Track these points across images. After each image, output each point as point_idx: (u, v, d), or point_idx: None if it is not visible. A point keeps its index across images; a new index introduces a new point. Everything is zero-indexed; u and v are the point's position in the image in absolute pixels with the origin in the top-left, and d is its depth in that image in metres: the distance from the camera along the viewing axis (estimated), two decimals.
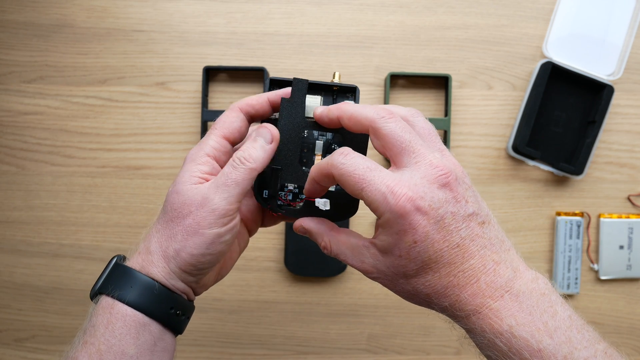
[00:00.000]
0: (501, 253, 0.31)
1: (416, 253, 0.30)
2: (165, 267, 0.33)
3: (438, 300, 0.31)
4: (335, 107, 0.34)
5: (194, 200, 0.32)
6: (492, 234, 0.31)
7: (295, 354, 0.64)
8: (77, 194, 0.63)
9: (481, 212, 0.31)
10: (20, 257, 0.64)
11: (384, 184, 0.29)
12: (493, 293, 0.29)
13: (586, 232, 0.64)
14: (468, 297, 0.30)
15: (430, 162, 0.30)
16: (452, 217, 0.29)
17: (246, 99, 0.36)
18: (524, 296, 0.29)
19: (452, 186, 0.30)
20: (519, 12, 0.64)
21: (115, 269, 0.34)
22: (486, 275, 0.30)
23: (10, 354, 0.64)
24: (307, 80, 0.36)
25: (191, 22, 0.63)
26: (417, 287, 0.31)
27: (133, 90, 0.63)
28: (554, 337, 0.28)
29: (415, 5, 0.64)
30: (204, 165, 0.34)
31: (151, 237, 0.34)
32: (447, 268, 0.30)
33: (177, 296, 0.34)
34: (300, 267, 0.62)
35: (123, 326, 0.31)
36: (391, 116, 0.31)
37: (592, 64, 0.63)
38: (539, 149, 0.63)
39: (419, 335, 0.64)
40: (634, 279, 0.65)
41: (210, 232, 0.32)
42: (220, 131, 0.35)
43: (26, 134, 0.63)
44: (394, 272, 0.31)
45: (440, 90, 0.64)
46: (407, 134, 0.31)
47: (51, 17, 0.63)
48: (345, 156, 0.31)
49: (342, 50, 0.63)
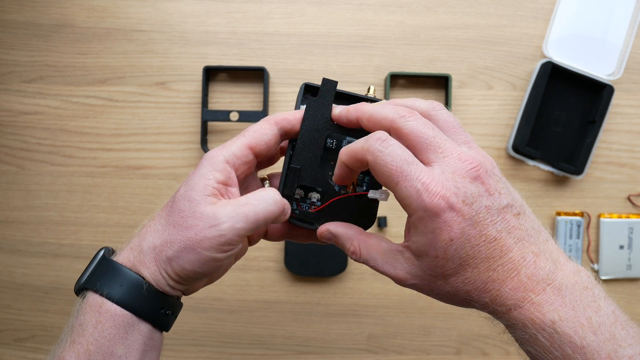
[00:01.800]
0: (539, 244, 0.30)
1: (453, 251, 0.29)
2: (156, 271, 0.32)
3: (479, 296, 0.30)
4: (354, 107, 0.33)
5: (203, 215, 0.31)
6: (528, 225, 0.30)
7: (295, 354, 0.64)
8: (77, 194, 0.63)
9: (515, 203, 0.30)
10: (20, 257, 0.64)
11: (420, 181, 0.28)
12: (535, 286, 0.29)
13: (586, 232, 0.64)
14: (509, 291, 0.29)
15: (458, 156, 0.29)
16: (487, 211, 0.29)
17: (282, 114, 0.35)
18: (567, 290, 0.28)
19: (484, 179, 0.29)
20: (519, 12, 0.64)
21: (103, 264, 0.32)
22: (526, 268, 0.29)
23: (10, 354, 0.64)
24: (336, 82, 0.35)
25: (191, 22, 0.63)
26: (456, 285, 0.30)
27: (133, 90, 0.63)
28: (598, 334, 0.27)
29: (415, 5, 0.64)
30: (220, 172, 0.32)
31: (146, 235, 0.32)
32: (486, 263, 0.29)
33: (167, 297, 0.33)
34: (300, 267, 0.62)
35: (112, 326, 0.30)
36: (411, 114, 0.31)
37: (592, 63, 0.63)
38: (539, 149, 0.63)
39: (419, 335, 0.64)
40: (634, 279, 0.65)
41: (207, 255, 0.31)
42: (248, 139, 0.33)
43: (26, 134, 0.63)
44: (431, 274, 0.30)
45: (440, 90, 0.64)
46: (429, 130, 0.30)
47: (51, 17, 0.63)
48: (383, 142, 0.30)
49: (342, 50, 0.63)
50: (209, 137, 0.63)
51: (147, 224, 0.34)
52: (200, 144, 0.63)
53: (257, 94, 0.64)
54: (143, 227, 0.33)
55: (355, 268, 0.64)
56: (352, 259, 0.34)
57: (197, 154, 0.63)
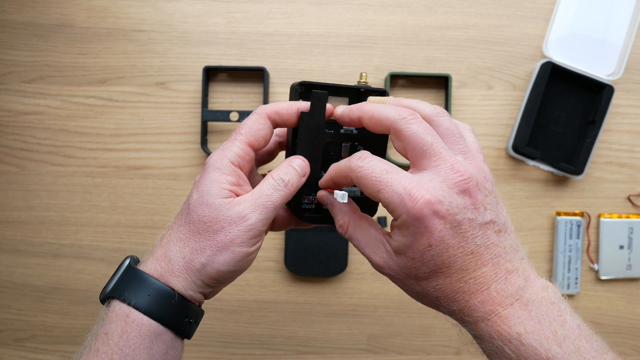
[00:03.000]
0: (515, 262, 0.30)
1: (430, 257, 0.29)
2: (187, 279, 0.32)
3: (447, 304, 0.31)
4: (357, 107, 0.34)
5: (227, 216, 0.32)
6: (507, 243, 0.30)
7: (295, 354, 0.64)
8: (77, 194, 0.63)
9: (498, 220, 0.30)
10: (20, 257, 0.64)
11: (401, 186, 0.29)
12: (503, 301, 0.29)
13: (586, 232, 0.64)
14: (477, 304, 0.30)
15: (451, 166, 0.30)
16: (469, 224, 0.29)
17: (275, 106, 0.35)
18: (534, 305, 0.29)
19: (472, 192, 0.29)
20: (519, 12, 0.64)
21: (129, 273, 0.33)
22: (497, 284, 0.30)
23: (10, 354, 0.64)
24: (326, 93, 0.35)
25: (191, 22, 0.63)
26: (426, 289, 0.31)
27: (133, 90, 0.63)
28: (563, 346, 0.28)
29: (415, 5, 0.64)
30: (231, 175, 0.33)
31: (171, 245, 0.33)
32: (459, 274, 0.30)
33: (192, 305, 0.33)
34: (300, 267, 0.62)
35: (138, 336, 0.31)
36: (413, 117, 0.31)
37: (592, 64, 0.63)
38: (539, 149, 0.63)
39: (419, 335, 0.64)
40: (634, 279, 0.65)
41: (241, 250, 0.32)
42: (246, 137, 0.34)
43: (26, 134, 0.63)
44: (405, 272, 0.31)
45: (440, 90, 0.64)
46: (429, 137, 0.30)
47: (51, 17, 0.63)
48: (363, 159, 0.31)
49: (342, 50, 0.63)
50: (209, 137, 0.63)
51: (166, 234, 0.34)
52: (200, 144, 0.63)
53: (257, 94, 0.64)
54: (163, 237, 0.34)
55: (355, 268, 0.64)
56: (337, 232, 0.35)
57: (197, 154, 0.63)
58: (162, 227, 0.35)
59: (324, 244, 0.62)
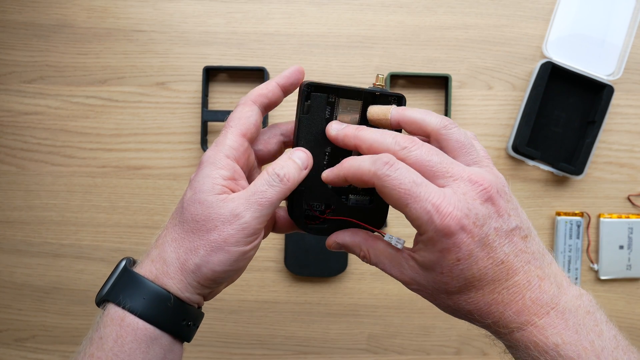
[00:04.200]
0: (544, 268, 0.30)
1: (459, 271, 0.29)
2: (183, 280, 0.31)
3: (481, 317, 0.30)
4: (353, 134, 0.32)
5: (220, 215, 0.30)
6: (534, 248, 0.30)
7: (295, 354, 0.64)
8: (77, 194, 0.64)
9: (523, 225, 0.30)
10: (21, 257, 0.64)
11: (430, 202, 0.28)
12: (538, 310, 0.29)
13: (586, 232, 0.64)
14: (512, 315, 0.29)
15: (468, 178, 0.29)
16: (496, 233, 0.29)
17: (256, 90, 0.34)
18: (570, 314, 0.28)
19: (494, 200, 0.29)
20: (519, 12, 0.64)
21: (125, 276, 0.32)
22: (531, 292, 0.29)
23: (10, 354, 0.64)
24: (325, 95, 0.34)
25: (191, 22, 0.63)
26: (459, 303, 0.30)
27: (133, 90, 0.63)
28: (601, 358, 0.27)
29: (415, 5, 0.64)
30: (225, 169, 0.32)
31: (166, 246, 0.32)
32: (491, 285, 0.29)
33: (189, 307, 0.32)
34: (300, 267, 0.62)
35: (133, 340, 0.30)
36: (413, 144, 0.30)
37: (592, 64, 0.63)
38: (539, 149, 0.63)
39: (419, 335, 0.64)
40: (634, 279, 0.65)
41: (236, 250, 0.31)
42: (237, 129, 0.33)
43: (26, 134, 0.63)
44: (435, 287, 0.30)
45: (440, 90, 0.64)
46: (434, 157, 0.29)
47: (51, 17, 0.63)
48: (391, 167, 0.29)
49: (342, 50, 0.63)
50: (209, 137, 0.63)
51: (162, 234, 0.33)
52: (200, 144, 0.63)
53: None
54: (158, 238, 0.33)
55: (356, 268, 0.64)
56: (363, 262, 0.34)
57: (197, 154, 0.63)
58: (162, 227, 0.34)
59: (324, 244, 0.62)
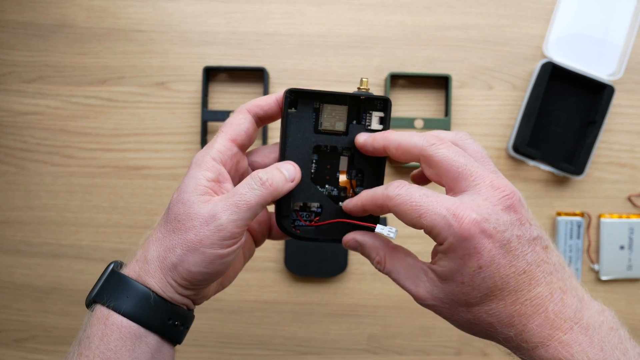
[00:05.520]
0: (566, 280, 0.29)
1: (481, 279, 0.28)
2: (162, 279, 0.31)
3: (502, 329, 0.29)
4: (381, 135, 0.33)
5: (198, 215, 0.31)
6: (555, 260, 0.29)
7: (295, 354, 0.64)
8: (77, 194, 0.63)
9: (543, 236, 0.29)
10: (20, 258, 0.64)
11: (444, 207, 0.28)
12: (562, 324, 0.28)
13: (586, 233, 0.64)
14: (536, 328, 0.28)
15: (491, 184, 0.29)
16: (518, 241, 0.28)
17: (254, 101, 0.35)
18: (594, 330, 0.28)
19: (517, 208, 0.28)
20: (519, 12, 0.64)
21: (112, 277, 0.32)
22: (554, 305, 0.28)
23: (10, 354, 0.64)
24: (310, 101, 0.34)
25: (191, 22, 0.63)
26: (479, 315, 0.29)
27: (133, 90, 0.63)
28: None
29: (415, 5, 0.63)
30: (209, 171, 0.32)
31: (149, 245, 0.32)
32: (514, 295, 0.28)
33: (175, 307, 0.32)
34: (300, 267, 0.62)
35: (118, 338, 0.30)
36: (442, 142, 0.30)
37: (592, 64, 0.63)
38: (540, 149, 0.63)
39: (419, 336, 0.64)
40: (634, 279, 0.65)
41: (211, 252, 0.31)
42: (227, 134, 0.34)
43: (26, 134, 0.63)
44: (454, 299, 0.30)
45: (440, 90, 0.64)
46: (461, 158, 0.29)
47: (51, 17, 0.63)
48: (401, 187, 0.30)
49: (342, 50, 0.63)
50: (208, 137, 0.63)
51: (150, 234, 0.33)
52: (200, 144, 0.63)
53: (257, 94, 0.64)
54: (146, 239, 0.33)
55: (356, 268, 0.64)
56: (376, 269, 0.34)
57: None
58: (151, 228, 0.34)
59: (324, 244, 0.62)
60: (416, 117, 0.63)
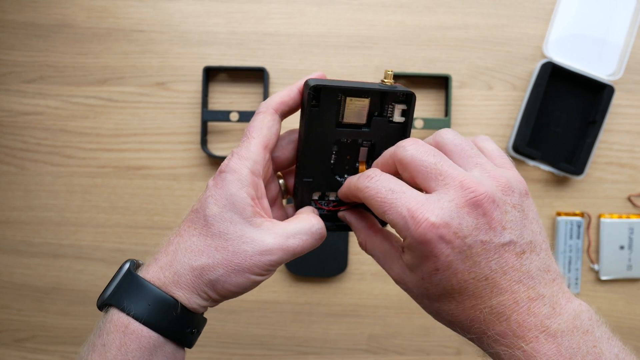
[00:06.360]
0: (540, 287, 0.27)
1: (437, 280, 0.28)
2: (193, 293, 0.31)
3: (462, 331, 0.29)
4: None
5: (253, 241, 0.30)
6: (532, 265, 0.27)
7: (295, 354, 0.64)
8: (77, 194, 0.63)
9: (521, 240, 0.27)
10: (20, 258, 0.64)
11: (406, 207, 0.27)
12: (525, 334, 0.26)
13: (586, 233, 0.64)
14: (495, 336, 0.27)
15: (460, 184, 0.27)
16: (482, 247, 0.26)
17: (277, 97, 0.34)
18: (563, 336, 0.26)
19: (487, 210, 0.26)
20: (519, 12, 0.64)
21: (129, 279, 0.31)
22: (518, 314, 0.26)
23: (10, 354, 0.64)
24: (333, 95, 0.33)
25: (191, 22, 0.63)
26: (439, 311, 0.29)
27: (133, 90, 0.63)
28: None
29: (415, 5, 0.63)
30: (252, 187, 0.31)
31: (179, 254, 0.31)
32: (472, 301, 0.27)
33: (195, 315, 0.32)
34: (300, 267, 0.62)
35: (137, 348, 0.29)
36: (411, 142, 0.29)
37: (592, 64, 0.63)
38: (540, 149, 0.63)
39: (420, 336, 0.64)
40: (634, 279, 0.65)
41: (255, 278, 0.31)
42: (260, 140, 0.32)
43: (26, 134, 0.63)
44: (418, 291, 0.30)
45: (440, 90, 0.64)
46: (430, 157, 0.28)
47: (51, 17, 0.63)
48: (371, 179, 0.30)
49: (342, 50, 0.63)
50: (209, 138, 0.63)
51: (173, 240, 0.32)
52: (200, 144, 0.63)
53: (257, 94, 0.64)
54: (170, 244, 0.32)
55: (356, 268, 0.64)
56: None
57: (197, 154, 0.63)
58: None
59: (324, 244, 0.62)
60: (416, 117, 0.63)
